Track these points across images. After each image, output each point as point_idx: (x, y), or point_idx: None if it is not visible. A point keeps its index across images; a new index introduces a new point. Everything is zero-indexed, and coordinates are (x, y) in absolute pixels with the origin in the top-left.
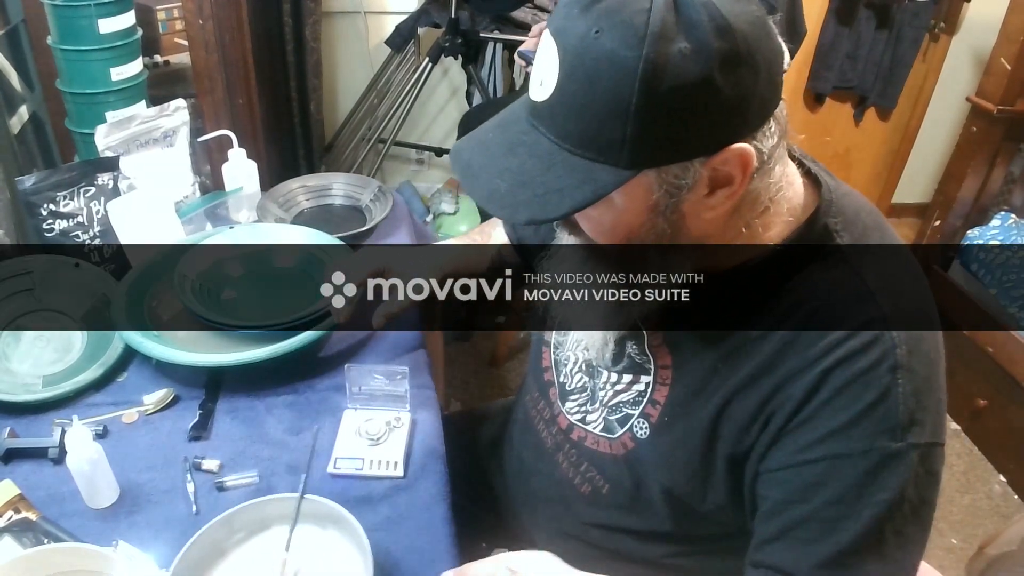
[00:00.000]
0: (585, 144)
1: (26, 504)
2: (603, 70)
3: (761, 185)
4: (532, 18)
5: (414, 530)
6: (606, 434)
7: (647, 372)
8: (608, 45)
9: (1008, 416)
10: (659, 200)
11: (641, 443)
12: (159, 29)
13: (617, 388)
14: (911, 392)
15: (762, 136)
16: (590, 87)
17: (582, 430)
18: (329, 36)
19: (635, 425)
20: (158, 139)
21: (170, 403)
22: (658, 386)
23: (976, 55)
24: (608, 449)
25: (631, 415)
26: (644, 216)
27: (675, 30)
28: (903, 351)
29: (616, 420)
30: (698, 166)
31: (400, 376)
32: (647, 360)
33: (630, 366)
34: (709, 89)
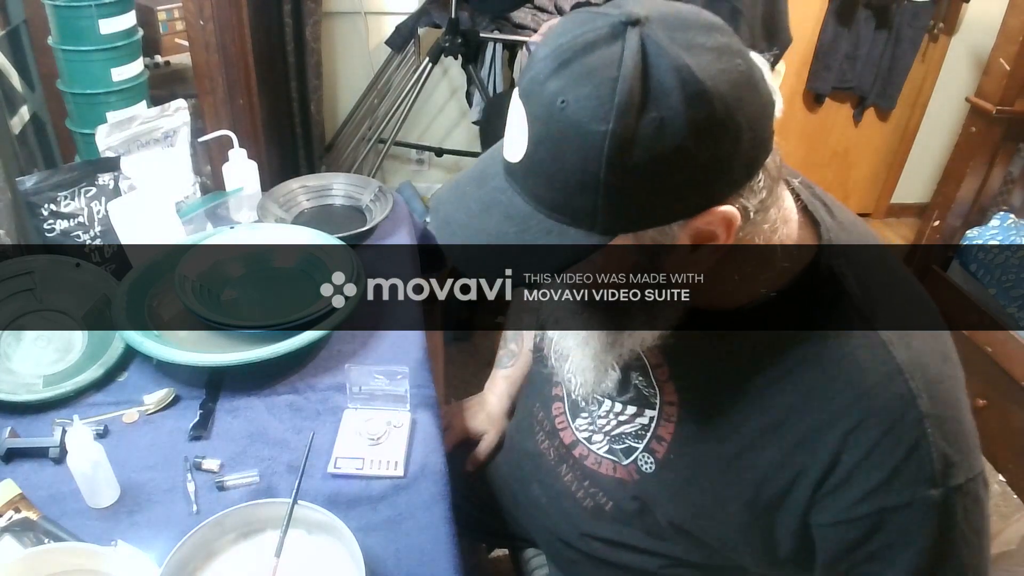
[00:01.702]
0: (558, 209)
1: (27, 504)
2: (569, 141)
3: (753, 232)
4: (532, 18)
5: (414, 530)
6: (610, 457)
7: (652, 407)
8: (574, 116)
9: (1007, 416)
10: (639, 261)
11: (647, 477)
12: (160, 29)
13: (620, 419)
14: (941, 437)
15: (748, 192)
16: (558, 157)
17: (585, 448)
18: (329, 36)
19: (640, 459)
20: (159, 139)
21: (171, 403)
22: (663, 422)
23: (975, 55)
24: (612, 472)
25: (635, 448)
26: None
27: (644, 100)
28: (924, 400)
29: (621, 450)
30: (677, 229)
31: (400, 376)
32: (653, 394)
33: (635, 398)
34: (683, 158)
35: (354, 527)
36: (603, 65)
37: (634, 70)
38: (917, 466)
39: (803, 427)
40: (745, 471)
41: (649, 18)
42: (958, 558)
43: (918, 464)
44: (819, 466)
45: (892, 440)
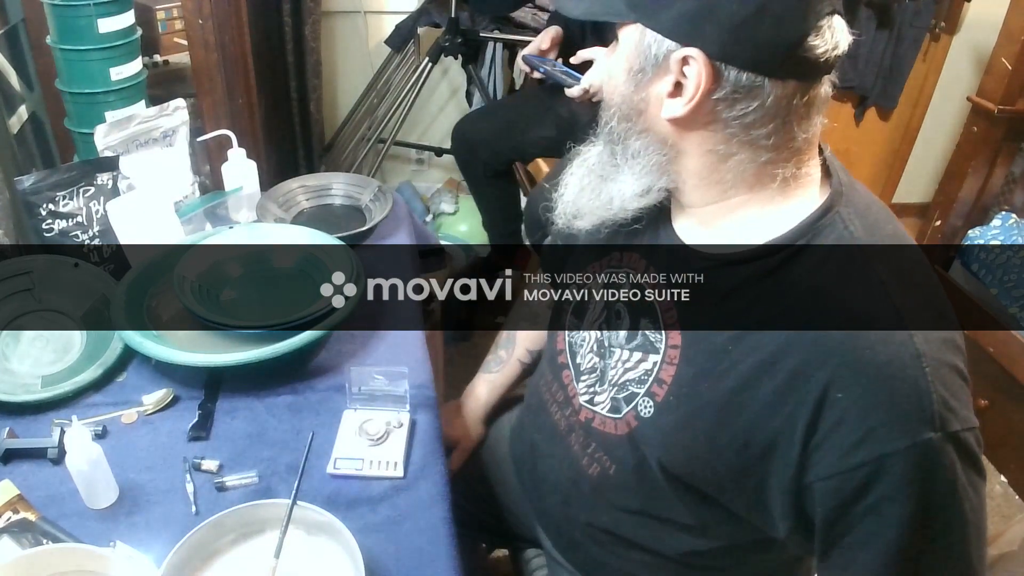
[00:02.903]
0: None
1: (25, 504)
2: None
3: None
4: (532, 18)
5: (414, 530)
6: (612, 414)
7: (656, 351)
8: None
9: (1009, 416)
10: (635, 65)
11: (644, 422)
12: (158, 29)
13: (627, 366)
14: (939, 380)
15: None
16: None
17: (590, 411)
18: (329, 36)
19: (640, 404)
20: (157, 139)
21: (170, 403)
22: (665, 365)
23: (977, 55)
24: (614, 429)
25: (636, 394)
26: (625, 77)
27: None
28: (921, 341)
29: (623, 399)
30: (665, 49)
31: (400, 376)
32: (659, 339)
33: (642, 344)
34: None
35: (354, 528)
36: None
37: None
38: (917, 407)
39: (794, 362)
40: (739, 412)
41: None
42: (959, 511)
43: (917, 405)
44: (809, 406)
45: (889, 379)
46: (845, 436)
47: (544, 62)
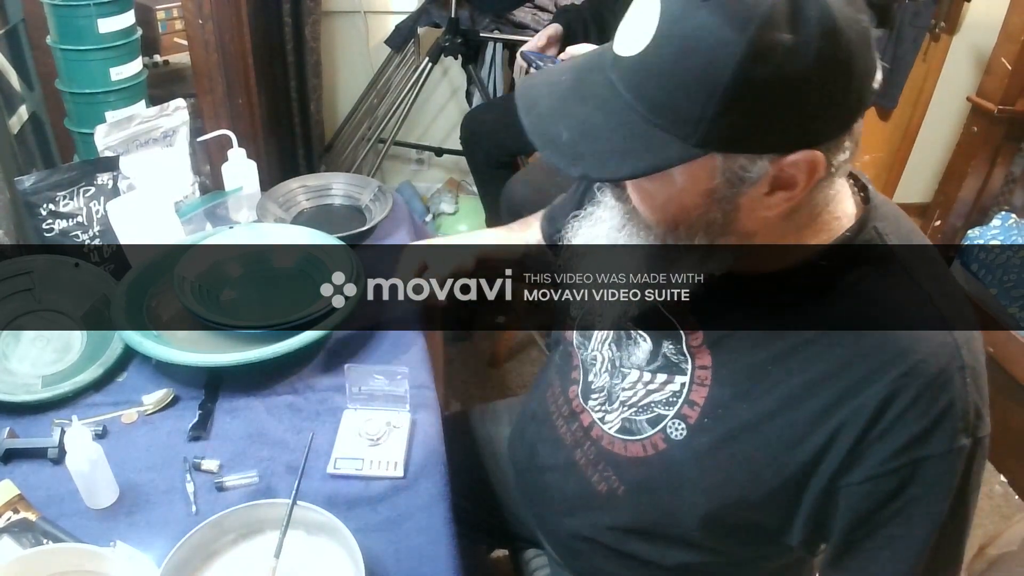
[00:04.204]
0: (659, 112)
1: (25, 504)
2: (701, 44)
3: (820, 195)
4: (532, 18)
5: (414, 530)
6: (623, 436)
7: (683, 372)
8: (712, 19)
9: (1009, 417)
10: (718, 187)
11: (676, 444)
12: (159, 29)
13: (650, 387)
14: (975, 389)
15: (836, 148)
16: (683, 56)
17: (601, 430)
18: (329, 36)
19: (669, 426)
20: (158, 139)
21: (170, 403)
22: (696, 386)
23: (977, 55)
24: (624, 451)
25: (664, 415)
26: (699, 199)
27: (784, 20)
28: (965, 351)
29: (647, 420)
30: (767, 162)
31: (400, 376)
32: (684, 360)
33: (664, 365)
34: (800, 88)
35: (354, 528)
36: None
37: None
38: (957, 415)
39: (850, 379)
40: (781, 431)
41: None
42: (965, 507)
43: (959, 413)
44: (864, 416)
45: (936, 389)
46: (890, 443)
47: (541, 58)
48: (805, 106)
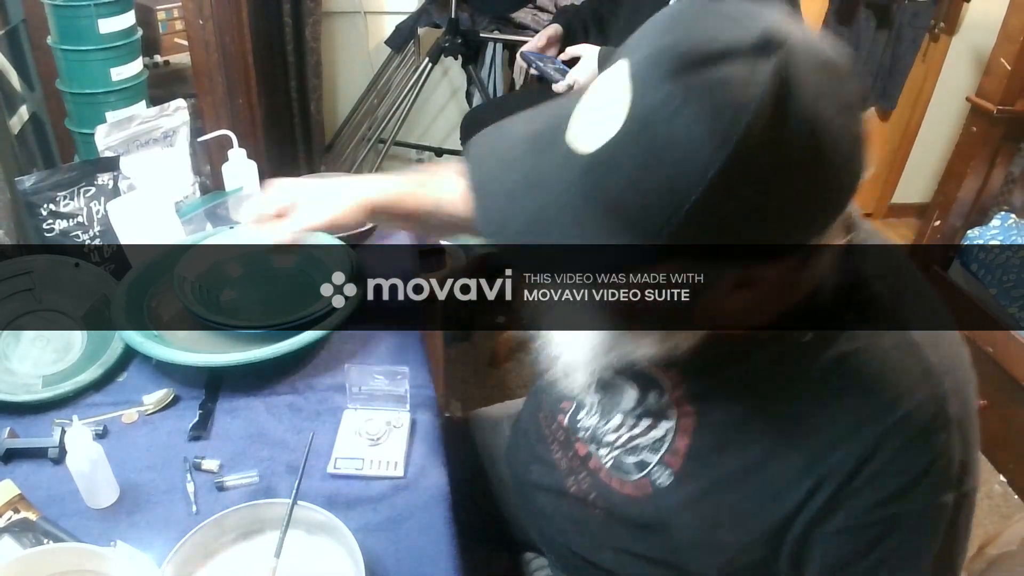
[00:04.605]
0: (618, 214)
1: (26, 504)
2: (669, 153)
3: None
4: (532, 18)
5: (414, 530)
6: (618, 473)
7: (668, 419)
8: (694, 127)
9: (1008, 416)
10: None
11: (662, 491)
12: (159, 29)
13: (634, 432)
14: (961, 444)
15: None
16: (648, 163)
17: (598, 462)
18: (329, 36)
19: (654, 472)
20: (158, 139)
21: (170, 403)
22: (679, 435)
23: (976, 55)
24: (619, 488)
25: (649, 462)
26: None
27: (768, 141)
28: (954, 403)
29: (633, 464)
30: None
31: (400, 376)
32: (668, 408)
33: (648, 412)
34: (778, 211)
35: (354, 527)
36: (736, 86)
37: (768, 105)
38: (939, 473)
39: (833, 433)
40: (764, 484)
41: (794, 44)
42: (951, 561)
43: (941, 469)
44: (847, 469)
45: (921, 443)
46: (867, 497)
47: (540, 58)
48: (779, 225)
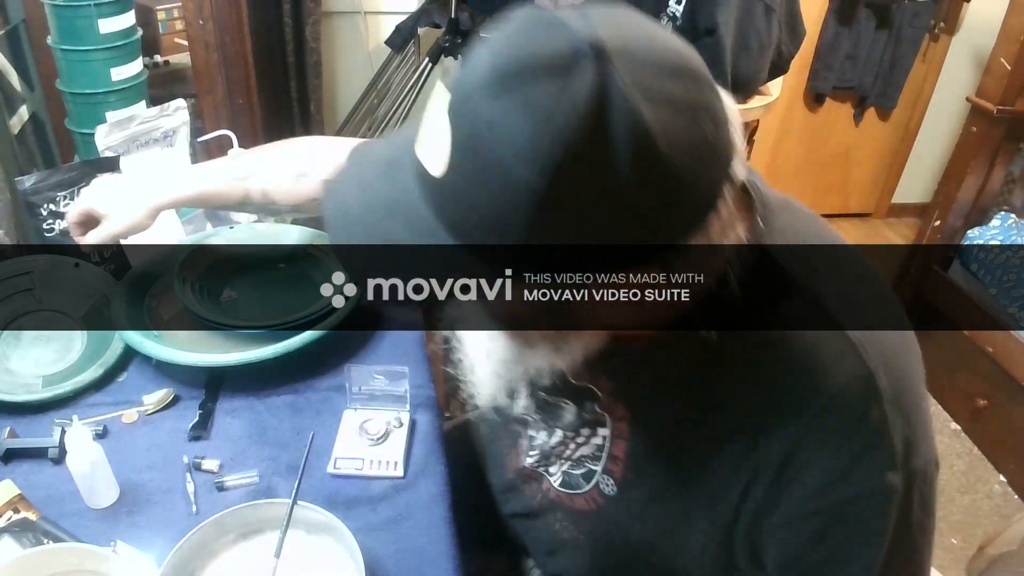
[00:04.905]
0: (463, 237)
1: (26, 504)
2: (491, 177)
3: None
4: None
5: (414, 530)
6: (567, 489)
7: (604, 424)
8: (500, 151)
9: (1008, 416)
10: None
11: (609, 500)
12: (159, 29)
13: (578, 441)
14: (900, 417)
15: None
16: (486, 185)
17: (549, 483)
18: (329, 36)
19: (600, 481)
20: (158, 139)
21: (170, 403)
22: (616, 440)
23: (976, 55)
24: (571, 504)
25: (594, 471)
26: (526, 311)
27: (585, 157)
28: (882, 378)
29: (581, 475)
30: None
31: (400, 376)
32: (603, 414)
33: (588, 421)
34: (614, 222)
35: (354, 527)
36: (548, 102)
37: (582, 120)
38: (878, 452)
39: (758, 423)
40: (706, 485)
41: (615, 50)
42: (912, 543)
43: (879, 450)
44: (776, 460)
45: (851, 426)
46: (804, 485)
47: None
48: (621, 236)
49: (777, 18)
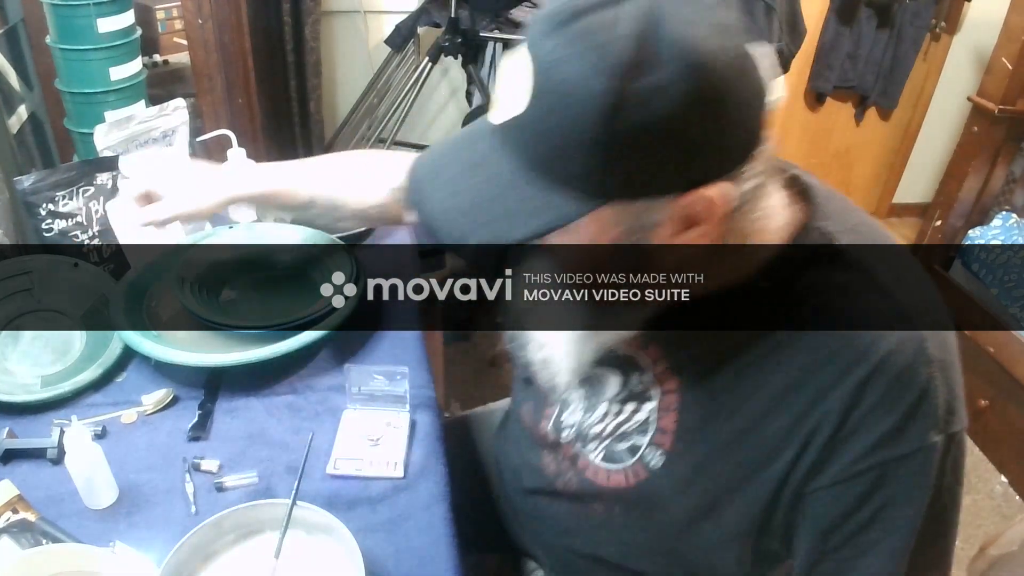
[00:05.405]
0: (547, 170)
1: (25, 505)
2: (568, 96)
3: (742, 222)
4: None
5: (414, 531)
6: (608, 464)
7: (650, 399)
8: (575, 70)
9: (1009, 416)
10: (622, 235)
11: (656, 473)
12: (158, 28)
13: (620, 418)
14: (945, 384)
15: (739, 178)
16: (555, 112)
17: (586, 460)
18: (329, 36)
19: (647, 455)
20: (157, 139)
21: (169, 403)
22: (664, 413)
23: (977, 55)
24: (606, 481)
25: (639, 445)
26: (606, 253)
27: (645, 64)
28: (931, 343)
29: (624, 450)
30: (663, 205)
31: (400, 376)
32: (650, 387)
33: (631, 395)
34: (673, 130)
35: (353, 528)
36: (601, 27)
37: (632, 34)
38: (926, 412)
39: (814, 386)
40: (755, 449)
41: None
42: (943, 508)
43: (927, 410)
44: (833, 420)
45: (903, 386)
46: (858, 444)
47: None
48: (684, 146)
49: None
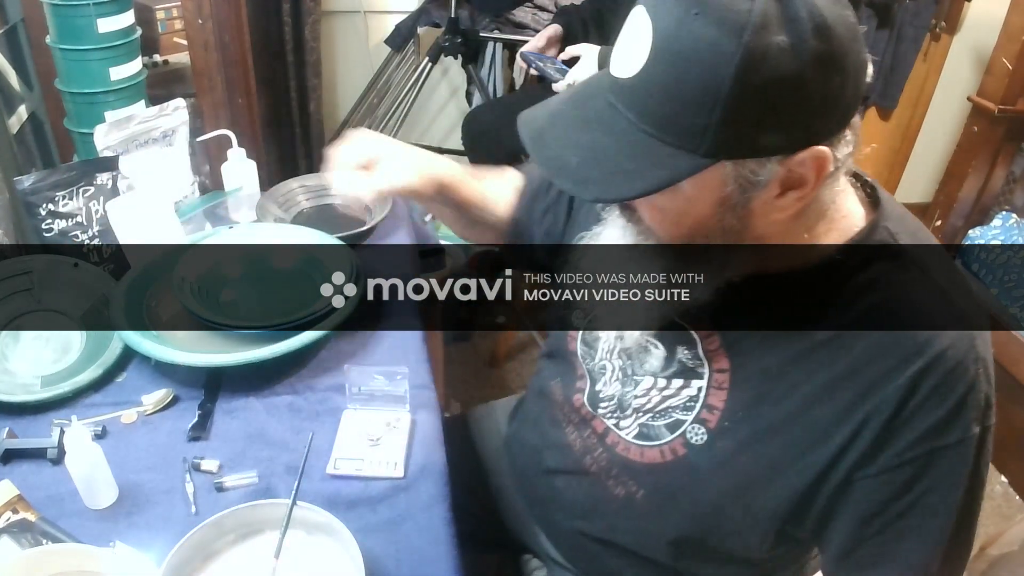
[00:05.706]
0: (665, 127)
1: (25, 505)
2: (698, 54)
3: (826, 192)
4: (532, 18)
5: (414, 531)
6: (640, 441)
7: (699, 376)
8: (706, 30)
9: (1010, 417)
10: (730, 194)
11: (696, 449)
12: (158, 29)
13: (665, 393)
14: (987, 380)
15: (839, 142)
16: (681, 70)
17: (616, 436)
18: (329, 36)
19: (689, 431)
20: (157, 139)
21: (169, 403)
22: (713, 391)
23: (977, 54)
24: (640, 457)
25: (683, 421)
26: (712, 209)
27: (776, 23)
28: (981, 343)
29: (665, 426)
30: (775, 164)
31: (400, 376)
32: (700, 364)
33: (680, 371)
34: (800, 87)
35: (353, 528)
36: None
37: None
38: (972, 405)
39: (872, 374)
40: (805, 431)
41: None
42: (977, 496)
43: (974, 403)
44: (889, 408)
45: (954, 380)
46: (909, 433)
47: (540, 58)
48: (806, 104)
49: None
